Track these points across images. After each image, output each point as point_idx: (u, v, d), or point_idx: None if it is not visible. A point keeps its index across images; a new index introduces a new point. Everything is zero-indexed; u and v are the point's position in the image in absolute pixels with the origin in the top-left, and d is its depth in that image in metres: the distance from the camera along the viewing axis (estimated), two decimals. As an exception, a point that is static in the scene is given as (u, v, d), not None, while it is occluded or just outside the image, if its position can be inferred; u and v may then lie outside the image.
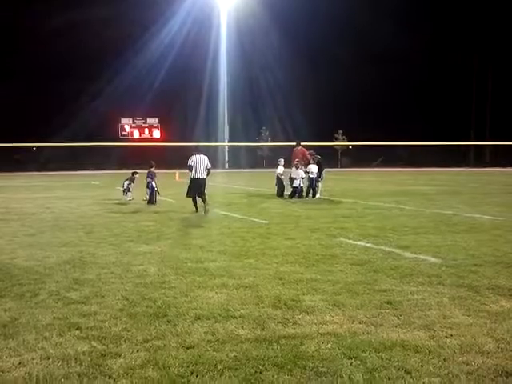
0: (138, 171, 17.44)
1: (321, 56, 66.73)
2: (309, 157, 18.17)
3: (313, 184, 17.58)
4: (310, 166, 17.70)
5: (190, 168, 13.33)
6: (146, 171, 16.43)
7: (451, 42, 67.05)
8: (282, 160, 18.91)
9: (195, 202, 13.32)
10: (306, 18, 65.65)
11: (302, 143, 19.90)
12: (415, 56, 66.32)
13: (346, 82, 64.93)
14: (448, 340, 4.07)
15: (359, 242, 8.47)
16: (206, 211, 12.92)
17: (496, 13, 64.40)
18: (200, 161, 13.31)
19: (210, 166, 13.53)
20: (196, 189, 13.30)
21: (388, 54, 64.95)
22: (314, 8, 62.94)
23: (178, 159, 53.13)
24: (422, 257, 7.23)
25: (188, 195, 13.46)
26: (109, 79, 55.22)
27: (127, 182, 16.87)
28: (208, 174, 13.58)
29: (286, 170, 18.54)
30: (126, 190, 16.76)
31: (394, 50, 62.96)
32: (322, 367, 3.57)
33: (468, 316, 4.64)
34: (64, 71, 61.80)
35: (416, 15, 69.98)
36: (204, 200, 13.15)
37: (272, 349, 3.90)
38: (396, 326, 4.38)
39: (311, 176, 17.56)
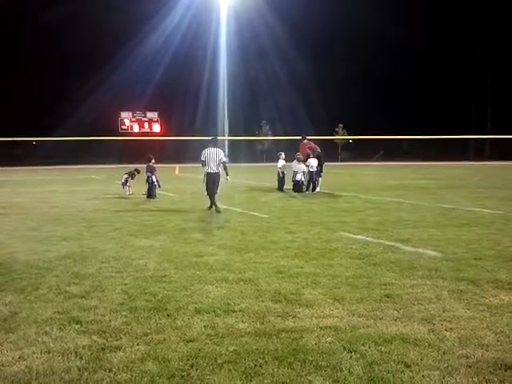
0: (139, 170, 17.29)
1: (321, 49, 66.58)
2: (308, 151, 18.14)
3: (313, 178, 17.57)
4: (309, 160, 17.68)
5: (203, 163, 12.40)
6: (145, 165, 16.41)
7: (452, 35, 66.83)
8: (283, 153, 18.88)
9: (213, 200, 12.39)
10: (305, 11, 65.36)
11: (307, 137, 19.76)
12: (415, 49, 66.15)
13: (347, 76, 64.84)
14: (447, 333, 4.07)
15: (359, 236, 8.47)
16: (210, 207, 12.31)
17: (497, 5, 64.16)
18: (212, 154, 12.33)
19: (225, 159, 12.60)
20: (210, 184, 12.33)
21: (388, 47, 64.79)
22: (315, 2, 62.75)
23: (178, 153, 53.26)
24: (422, 250, 7.23)
25: (208, 192, 12.44)
26: (108, 73, 55.13)
27: (125, 176, 16.88)
28: (226, 170, 12.65)
29: (287, 163, 18.54)
30: (124, 184, 16.77)
31: (394, 43, 62.81)
32: (322, 361, 3.58)
33: (468, 309, 4.65)
34: (63, 65, 61.68)
35: (417, 7, 69.72)
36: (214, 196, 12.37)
37: (272, 342, 3.90)
38: (396, 320, 4.39)
39: (311, 170, 17.55)
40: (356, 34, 66.12)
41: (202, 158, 12.40)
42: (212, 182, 12.32)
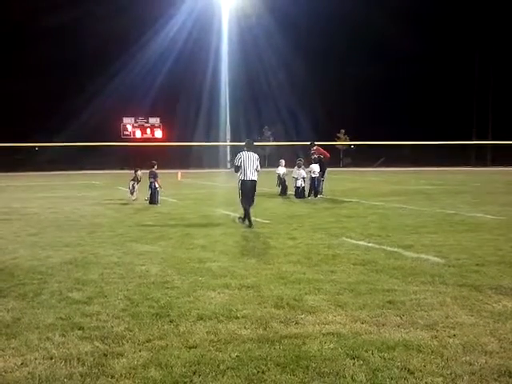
0: (138, 169, 17.33)
1: (323, 55, 66.70)
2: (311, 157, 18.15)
3: (315, 183, 17.57)
4: (311, 166, 17.69)
5: (237, 169, 10.94)
6: (148, 171, 16.43)
7: (453, 41, 66.97)
8: (283, 161, 19.02)
9: (248, 214, 10.80)
10: (307, 16, 65.60)
11: (315, 142, 19.42)
12: (417, 55, 66.26)
13: (348, 81, 64.99)
14: (451, 340, 4.06)
15: (361, 242, 8.47)
16: (244, 219, 10.91)
17: (498, 11, 64.28)
18: (249, 159, 10.95)
19: (259, 167, 11.13)
20: (248, 194, 10.94)
21: (390, 52, 65.00)
22: (315, 7, 62.99)
23: (180, 159, 53.29)
24: (425, 256, 7.22)
25: (242, 204, 11.01)
26: (111, 79, 55.26)
27: (132, 182, 16.91)
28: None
29: (290, 169, 18.56)
30: (132, 190, 16.79)
31: (396, 49, 63.00)
32: (325, 367, 3.57)
33: (471, 316, 4.63)
34: (66, 70, 61.88)
35: (418, 14, 69.89)
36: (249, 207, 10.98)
37: (274, 349, 3.90)
38: (398, 326, 4.38)
39: (313, 175, 17.56)
40: (358, 39, 66.30)
41: (238, 164, 10.96)
42: (249, 191, 10.97)
